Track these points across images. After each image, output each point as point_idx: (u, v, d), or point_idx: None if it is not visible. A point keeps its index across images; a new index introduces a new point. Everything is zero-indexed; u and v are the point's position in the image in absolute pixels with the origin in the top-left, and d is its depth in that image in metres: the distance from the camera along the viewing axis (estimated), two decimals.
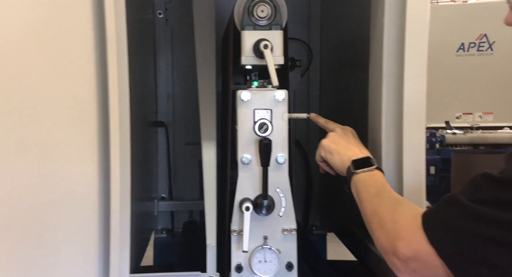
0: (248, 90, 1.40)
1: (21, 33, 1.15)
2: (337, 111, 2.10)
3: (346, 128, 1.46)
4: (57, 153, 1.22)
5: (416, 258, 1.01)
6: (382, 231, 1.11)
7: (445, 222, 0.98)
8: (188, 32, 2.18)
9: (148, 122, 2.11)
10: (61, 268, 1.24)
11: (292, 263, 1.42)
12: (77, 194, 1.28)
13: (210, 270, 1.46)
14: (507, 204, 0.90)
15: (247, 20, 1.43)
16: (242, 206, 1.38)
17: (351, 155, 1.35)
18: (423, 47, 1.37)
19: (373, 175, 1.30)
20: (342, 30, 2.04)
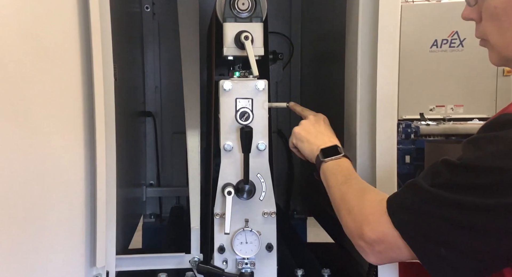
0: (230, 80, 1.40)
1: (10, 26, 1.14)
2: (317, 101, 2.12)
3: (318, 116, 1.45)
4: (45, 140, 1.21)
5: (382, 241, 1.01)
6: (350, 216, 1.10)
7: (408, 206, 0.98)
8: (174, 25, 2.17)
9: (136, 113, 2.11)
10: (49, 250, 1.24)
11: (272, 244, 1.42)
12: (64, 180, 1.27)
13: (194, 251, 1.47)
14: (464, 188, 0.90)
15: (228, 13, 1.43)
16: (225, 190, 1.38)
17: (320, 143, 1.35)
18: (395, 42, 1.37)
19: (341, 162, 1.29)
20: (321, 25, 2.04)
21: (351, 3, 1.50)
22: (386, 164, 1.38)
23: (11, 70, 1.13)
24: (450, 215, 0.91)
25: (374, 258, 1.06)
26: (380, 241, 1.01)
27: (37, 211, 1.20)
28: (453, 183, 0.91)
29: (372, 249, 1.04)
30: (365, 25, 1.42)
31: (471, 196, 0.89)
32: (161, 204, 2.40)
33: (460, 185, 0.90)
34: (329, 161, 1.29)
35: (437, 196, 0.92)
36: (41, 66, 1.19)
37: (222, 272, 1.40)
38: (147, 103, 2.35)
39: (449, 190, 0.91)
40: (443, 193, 0.92)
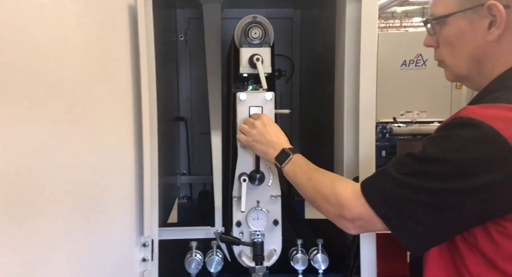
0: (245, 92, 1.40)
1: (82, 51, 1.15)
2: (312, 108, 2.11)
3: (264, 118, 1.31)
4: (107, 140, 1.23)
5: (361, 218, 1.00)
6: (328, 204, 1.07)
7: (380, 190, 0.97)
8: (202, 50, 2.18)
9: (172, 118, 2.12)
10: (111, 223, 1.26)
11: (278, 220, 1.42)
12: (120, 170, 1.28)
13: (217, 225, 1.47)
14: (424, 175, 0.90)
15: (244, 40, 1.43)
16: (241, 178, 1.38)
17: (272, 152, 1.26)
18: (373, 62, 1.37)
19: (295, 161, 1.21)
20: (315, 49, 2.04)
21: (339, 32, 1.50)
22: (367, 156, 1.38)
23: (82, 87, 1.14)
24: (414, 196, 0.90)
25: (355, 231, 1.06)
26: (359, 218, 1.01)
27: (102, 194, 1.23)
28: (416, 171, 0.91)
29: (353, 224, 1.03)
30: (350, 49, 1.42)
31: (430, 181, 0.88)
32: (191, 188, 2.40)
33: (422, 173, 0.90)
34: (285, 165, 1.22)
35: (404, 181, 0.91)
36: (103, 83, 1.21)
37: (239, 241, 1.41)
38: (181, 111, 2.35)
39: (413, 177, 0.91)
40: (408, 179, 0.91)
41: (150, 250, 1.35)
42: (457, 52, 1.01)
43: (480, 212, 0.88)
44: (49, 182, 1.06)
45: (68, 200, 1.12)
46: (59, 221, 1.10)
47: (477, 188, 0.85)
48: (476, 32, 0.96)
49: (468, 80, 1.04)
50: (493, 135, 0.83)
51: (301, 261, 1.47)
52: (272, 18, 1.49)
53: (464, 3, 0.97)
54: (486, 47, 0.97)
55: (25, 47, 1.01)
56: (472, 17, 0.96)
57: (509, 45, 0.95)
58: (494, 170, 0.83)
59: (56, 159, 1.08)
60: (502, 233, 0.88)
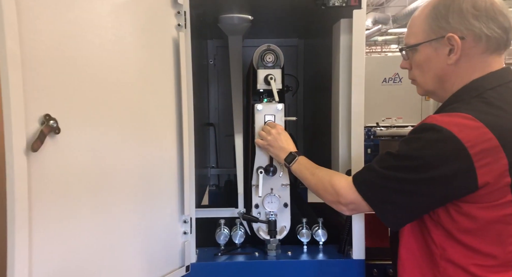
0: (261, 104, 1.41)
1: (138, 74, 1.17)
2: (313, 116, 2.10)
3: (278, 128, 1.34)
4: (157, 141, 1.25)
5: (352, 203, 1.02)
6: (327, 193, 1.09)
7: (366, 180, 0.99)
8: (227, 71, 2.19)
9: (204, 123, 2.13)
10: (160, 204, 1.27)
11: (287, 203, 1.43)
12: (166, 165, 1.30)
13: (240, 207, 1.47)
14: (399, 168, 0.91)
15: (260, 63, 1.45)
16: (258, 170, 1.39)
17: (282, 155, 1.28)
18: (361, 80, 1.36)
19: (300, 161, 1.23)
20: (315, 68, 2.04)
21: (335, 56, 1.49)
22: (357, 154, 1.37)
23: (139, 101, 1.17)
24: (390, 184, 0.92)
25: (349, 213, 1.08)
26: (351, 203, 1.02)
27: (154, 182, 1.25)
28: (392, 165, 0.92)
29: (347, 207, 1.05)
30: (344, 69, 1.41)
31: (402, 173, 0.90)
32: (218, 178, 2.40)
33: (396, 167, 0.91)
34: (292, 164, 1.24)
35: (383, 174, 0.93)
36: (154, 97, 1.23)
37: (257, 219, 1.41)
38: (210, 118, 2.36)
39: (390, 170, 0.92)
40: (386, 171, 0.93)
41: (189, 225, 1.35)
42: (425, 73, 1.02)
43: (440, 196, 0.89)
44: (118, 172, 1.10)
45: (130, 185, 1.15)
46: (125, 199, 1.13)
47: (438, 178, 0.86)
48: (439, 57, 0.97)
49: (434, 94, 1.05)
50: (450, 137, 0.84)
51: (305, 235, 1.48)
52: (281, 46, 1.50)
53: (430, 35, 0.97)
54: (447, 69, 0.97)
55: (100, 72, 1.04)
56: (436, 46, 0.97)
57: (464, 67, 0.96)
58: (451, 164, 0.85)
59: (121, 155, 1.11)
60: (458, 211, 0.89)
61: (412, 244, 0.99)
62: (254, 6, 1.57)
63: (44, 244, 0.90)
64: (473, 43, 0.93)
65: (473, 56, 0.94)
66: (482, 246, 0.89)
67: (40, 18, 0.89)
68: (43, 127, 0.88)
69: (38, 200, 0.88)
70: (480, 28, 0.91)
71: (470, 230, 0.89)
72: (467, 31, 0.92)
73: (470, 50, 0.94)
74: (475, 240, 0.89)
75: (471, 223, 0.88)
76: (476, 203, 0.87)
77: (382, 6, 9.63)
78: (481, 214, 0.87)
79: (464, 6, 0.92)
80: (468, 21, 0.92)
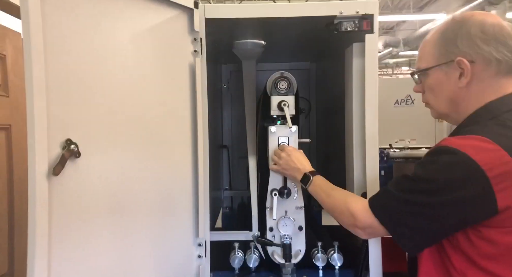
0: (275, 126, 1.42)
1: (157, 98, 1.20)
2: (326, 138, 2.10)
3: (289, 150, 1.34)
4: (173, 165, 1.26)
5: (369, 226, 1.00)
6: (343, 216, 1.07)
7: (383, 204, 0.97)
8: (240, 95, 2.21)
9: (218, 145, 2.14)
10: (176, 226, 1.27)
11: (302, 226, 1.41)
12: (182, 186, 1.30)
13: (254, 230, 1.46)
14: (416, 191, 0.90)
15: (274, 90, 1.47)
16: (272, 193, 1.38)
17: (297, 176, 1.28)
18: (375, 102, 1.36)
19: (316, 182, 1.22)
20: (328, 91, 2.05)
21: (347, 79, 1.51)
22: (372, 176, 1.36)
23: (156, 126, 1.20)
24: (407, 208, 0.90)
25: (366, 236, 1.07)
26: (368, 227, 1.00)
27: (170, 203, 1.25)
28: (408, 188, 0.91)
29: (364, 231, 1.03)
30: (357, 91, 1.41)
31: (418, 196, 0.89)
32: (232, 200, 2.38)
33: (412, 190, 0.90)
34: (308, 186, 1.23)
35: (399, 197, 0.92)
36: (170, 122, 1.25)
37: (272, 242, 1.40)
38: (224, 140, 2.37)
39: (406, 193, 0.91)
40: (402, 194, 0.92)
41: (204, 248, 1.34)
42: (438, 96, 1.02)
43: (458, 220, 0.87)
44: (135, 196, 1.11)
45: (147, 209, 1.16)
46: (142, 223, 1.14)
47: (455, 201, 0.85)
48: (450, 81, 0.98)
49: (448, 117, 1.04)
50: (466, 160, 0.83)
51: (321, 259, 1.45)
52: (293, 69, 1.52)
53: (440, 59, 0.98)
54: (459, 92, 0.97)
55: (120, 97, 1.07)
56: (446, 70, 0.98)
57: (476, 90, 0.96)
58: (468, 187, 0.83)
59: (139, 179, 1.13)
60: (478, 236, 0.87)
61: (431, 271, 0.95)
62: (267, 32, 1.61)
63: (62, 267, 0.91)
64: (483, 67, 0.93)
65: (484, 79, 0.94)
66: (505, 272, 0.86)
67: (64, 45, 0.93)
68: (65, 151, 0.91)
69: (58, 223, 0.89)
70: (489, 52, 0.92)
71: (491, 256, 0.86)
72: (476, 55, 0.93)
73: (481, 74, 0.94)
74: (498, 265, 0.86)
75: (493, 248, 0.86)
76: (497, 228, 0.85)
77: (393, 30, 9.72)
78: (502, 239, 0.85)
79: (472, 30, 0.93)
80: (477, 45, 0.92)
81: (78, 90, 0.96)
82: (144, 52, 1.15)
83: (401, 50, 8.81)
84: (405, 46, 8.40)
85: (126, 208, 1.08)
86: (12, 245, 1.62)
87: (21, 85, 1.71)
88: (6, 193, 1.59)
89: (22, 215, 1.66)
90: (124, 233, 1.07)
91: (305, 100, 2.29)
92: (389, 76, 12.77)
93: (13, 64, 1.66)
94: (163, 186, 1.21)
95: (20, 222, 1.65)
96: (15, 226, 1.62)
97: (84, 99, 0.97)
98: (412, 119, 5.37)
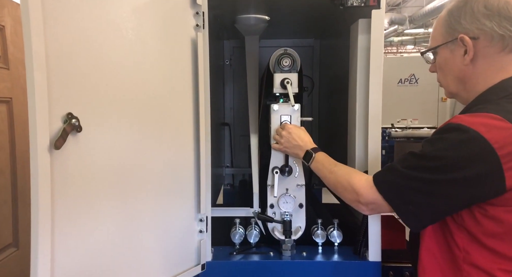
0: (277, 104, 1.41)
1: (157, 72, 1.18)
2: (329, 117, 2.09)
3: (290, 128, 1.32)
4: (175, 140, 1.25)
5: (373, 203, 1.00)
6: (346, 192, 1.07)
7: (388, 180, 0.97)
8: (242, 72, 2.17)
9: (219, 123, 2.14)
10: (178, 201, 1.28)
11: (302, 204, 1.42)
12: (185, 164, 1.30)
13: (255, 207, 1.47)
14: (422, 168, 0.89)
15: (277, 67, 1.44)
16: (274, 170, 1.38)
17: (300, 153, 1.27)
18: (379, 80, 1.34)
19: (318, 159, 1.21)
20: (331, 69, 2.02)
21: (352, 56, 1.48)
22: (374, 155, 1.35)
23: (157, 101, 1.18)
24: (413, 185, 0.90)
25: (369, 212, 1.06)
26: (372, 203, 1.00)
27: (173, 181, 1.25)
28: (415, 165, 0.90)
29: (367, 207, 1.03)
30: (361, 70, 1.40)
31: (425, 173, 0.88)
32: (233, 178, 2.40)
33: (419, 167, 0.89)
34: (310, 163, 1.23)
35: (406, 174, 0.91)
36: (171, 97, 1.24)
37: (272, 219, 1.41)
38: (226, 118, 2.36)
39: (413, 170, 0.90)
40: (409, 171, 0.90)
41: (205, 224, 1.36)
42: (447, 75, 1.01)
43: (465, 198, 0.86)
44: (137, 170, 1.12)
45: (149, 183, 1.17)
46: (144, 197, 1.15)
47: (463, 179, 0.84)
48: (456, 59, 0.97)
49: (458, 96, 1.03)
50: (477, 137, 0.82)
51: (320, 236, 1.47)
52: (297, 46, 1.49)
53: (446, 37, 0.98)
54: (465, 70, 0.96)
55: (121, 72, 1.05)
56: (452, 48, 0.97)
57: (482, 67, 0.94)
58: (477, 165, 0.82)
59: (141, 154, 1.13)
60: (483, 214, 0.87)
61: (433, 247, 0.96)
62: (271, 7, 1.57)
63: (66, 239, 0.92)
64: (487, 43, 0.92)
65: (489, 56, 0.92)
66: (508, 251, 0.86)
67: (63, 19, 0.90)
68: (66, 125, 0.90)
69: (60, 196, 0.90)
70: (491, 28, 0.90)
71: (496, 234, 0.87)
72: (479, 31, 0.91)
73: (485, 50, 0.92)
74: (502, 244, 0.86)
75: (498, 226, 0.86)
76: (503, 206, 0.84)
77: (399, 7, 9.50)
78: (508, 217, 0.85)
79: (475, 6, 0.91)
80: (479, 21, 0.91)
81: (78, 64, 0.94)
82: (145, 26, 1.12)
83: (407, 28, 8.65)
84: (411, 23, 8.23)
85: (127, 183, 1.09)
86: (17, 217, 1.64)
87: (21, 57, 1.69)
88: (9, 165, 1.60)
89: (25, 187, 1.68)
90: (125, 207, 1.08)
91: (308, 78, 2.27)
92: (393, 54, 12.57)
93: (13, 35, 1.63)
94: (165, 162, 1.21)
95: (23, 193, 1.67)
96: (18, 197, 1.64)
97: (84, 73, 0.96)
98: (415, 99, 5.32)
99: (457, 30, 0.94)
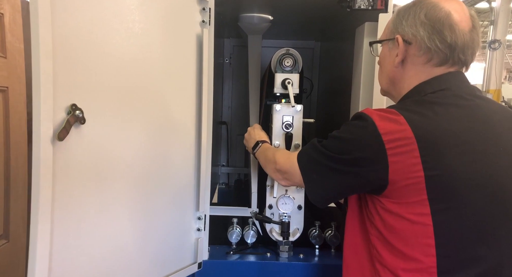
0: (280, 104, 1.41)
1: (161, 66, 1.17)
2: (326, 117, 2.10)
3: (253, 126, 1.45)
4: (177, 136, 1.25)
5: (288, 172, 1.06)
6: (269, 163, 1.16)
7: (305, 151, 1.01)
8: (242, 71, 2.17)
9: (217, 122, 2.13)
10: (177, 198, 1.27)
11: (301, 205, 1.42)
12: (185, 161, 1.30)
13: (253, 206, 1.47)
14: (327, 146, 0.93)
15: (278, 67, 1.44)
16: None
17: (251, 145, 1.36)
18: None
19: (262, 147, 1.30)
20: (332, 71, 2.02)
21: (356, 59, 1.48)
22: None
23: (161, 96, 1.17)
24: (320, 158, 0.94)
25: (284, 182, 1.12)
26: (286, 172, 1.07)
27: (172, 178, 1.24)
28: (325, 144, 0.95)
29: (282, 176, 1.10)
30: (366, 73, 1.40)
31: (328, 150, 0.92)
32: (228, 177, 2.40)
33: (327, 145, 0.94)
34: (256, 150, 1.30)
35: (318, 148, 0.95)
36: (175, 92, 1.23)
37: (271, 220, 1.41)
38: (223, 116, 2.36)
39: (323, 147, 0.95)
40: (320, 148, 0.95)
41: (203, 222, 1.35)
42: (382, 71, 1.05)
43: (355, 180, 0.90)
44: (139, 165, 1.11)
45: (150, 178, 1.15)
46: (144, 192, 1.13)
47: (353, 159, 0.88)
48: (391, 58, 0.99)
49: (389, 94, 1.06)
50: (370, 123, 0.86)
51: (318, 238, 1.47)
52: (298, 48, 1.49)
53: (388, 34, 1.00)
54: (395, 71, 0.99)
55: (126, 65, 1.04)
56: (390, 46, 1.00)
57: (410, 73, 0.96)
58: (365, 148, 0.87)
59: (143, 148, 1.12)
60: (383, 208, 0.90)
61: (354, 245, 0.99)
62: (275, 7, 1.57)
63: (65, 232, 0.91)
64: (416, 51, 0.93)
65: (417, 65, 0.94)
66: (405, 248, 0.87)
67: (70, 8, 0.89)
68: (69, 117, 0.89)
69: (61, 188, 0.89)
70: (422, 37, 0.91)
71: (395, 229, 0.88)
72: (413, 36, 0.93)
73: (414, 59, 0.94)
74: (399, 241, 0.87)
75: (395, 220, 0.87)
76: (393, 199, 0.87)
77: None
78: (399, 211, 0.86)
79: (418, 11, 0.92)
80: (416, 27, 0.92)
81: (84, 55, 0.93)
82: (151, 19, 1.11)
83: None
84: None
85: (129, 176, 1.08)
86: (8, 208, 1.62)
87: (18, 47, 1.66)
88: (2, 156, 1.57)
89: (18, 178, 1.65)
90: (125, 201, 1.07)
91: (307, 79, 2.27)
92: None
93: (11, 23, 1.60)
94: (166, 158, 1.20)
95: (15, 185, 1.64)
96: (10, 189, 1.61)
97: (89, 65, 0.94)
98: None
99: (397, 30, 0.95)
